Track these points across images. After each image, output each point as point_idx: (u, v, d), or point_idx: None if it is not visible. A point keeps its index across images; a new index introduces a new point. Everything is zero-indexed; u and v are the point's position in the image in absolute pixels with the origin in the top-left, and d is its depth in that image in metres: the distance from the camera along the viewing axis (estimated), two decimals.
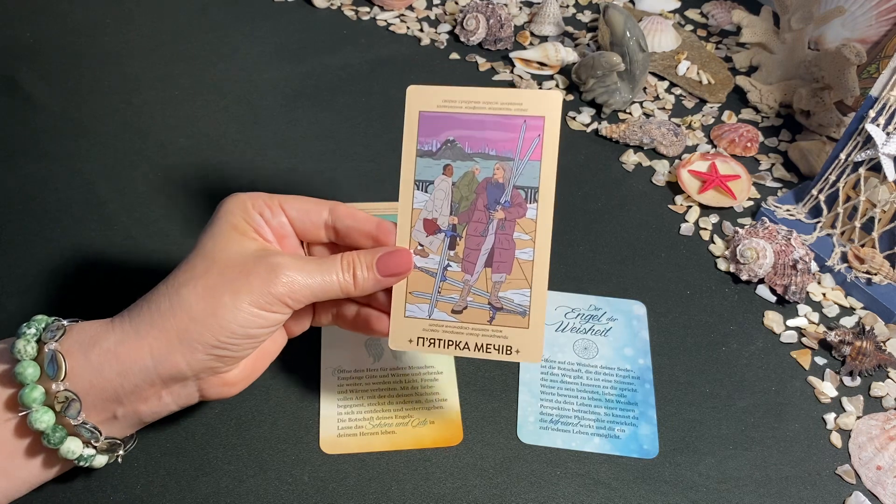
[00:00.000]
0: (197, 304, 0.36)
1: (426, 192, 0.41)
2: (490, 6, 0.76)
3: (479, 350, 0.41)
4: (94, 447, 0.38)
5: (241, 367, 0.39)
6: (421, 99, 0.40)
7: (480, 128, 0.40)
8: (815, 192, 0.61)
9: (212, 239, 0.38)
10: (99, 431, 0.37)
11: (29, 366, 0.36)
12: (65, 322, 0.38)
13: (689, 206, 0.63)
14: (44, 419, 0.35)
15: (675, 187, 0.65)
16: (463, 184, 0.40)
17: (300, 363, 0.50)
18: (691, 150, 0.69)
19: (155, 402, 0.38)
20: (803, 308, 0.57)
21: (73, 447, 0.37)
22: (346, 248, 0.41)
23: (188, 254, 0.38)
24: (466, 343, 0.41)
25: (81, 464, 0.38)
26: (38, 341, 0.37)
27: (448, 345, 0.41)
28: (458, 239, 0.41)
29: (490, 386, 0.50)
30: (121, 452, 0.39)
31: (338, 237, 0.41)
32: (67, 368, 0.36)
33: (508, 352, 0.41)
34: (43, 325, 0.37)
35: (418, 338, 0.41)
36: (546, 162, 0.40)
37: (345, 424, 0.47)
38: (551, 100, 0.40)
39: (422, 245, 0.41)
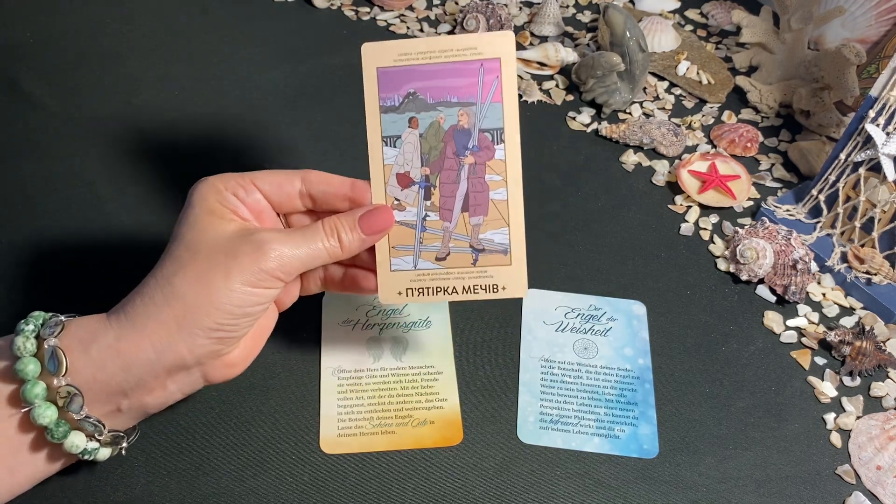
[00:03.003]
0: (190, 291, 0.36)
1: (395, 147, 0.41)
2: (490, 6, 0.76)
3: (466, 292, 0.42)
4: (98, 440, 0.38)
5: (240, 346, 0.39)
6: (377, 55, 0.41)
7: (439, 77, 0.41)
8: (814, 192, 0.61)
9: (191, 228, 0.38)
10: (103, 425, 0.37)
11: (30, 362, 0.36)
12: (62, 318, 0.38)
13: (689, 206, 0.63)
14: (46, 414, 0.36)
15: (675, 187, 0.65)
16: (430, 134, 0.41)
17: (300, 363, 0.50)
18: (691, 150, 0.69)
19: (160, 392, 0.38)
20: (803, 308, 0.57)
21: (76, 441, 0.37)
22: (324, 214, 0.41)
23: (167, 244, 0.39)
24: (454, 287, 0.42)
25: (85, 457, 0.38)
26: (37, 337, 0.37)
27: (436, 292, 0.42)
28: (432, 188, 0.41)
29: (490, 386, 0.50)
30: (124, 445, 0.39)
31: (314, 204, 0.41)
32: (68, 364, 0.36)
33: (495, 290, 0.42)
34: (41, 322, 0.37)
35: (407, 289, 0.42)
36: (507, 102, 0.41)
37: (345, 424, 0.47)
38: (504, 40, 0.40)
39: (398, 199, 0.41)
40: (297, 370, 0.50)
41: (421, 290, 0.42)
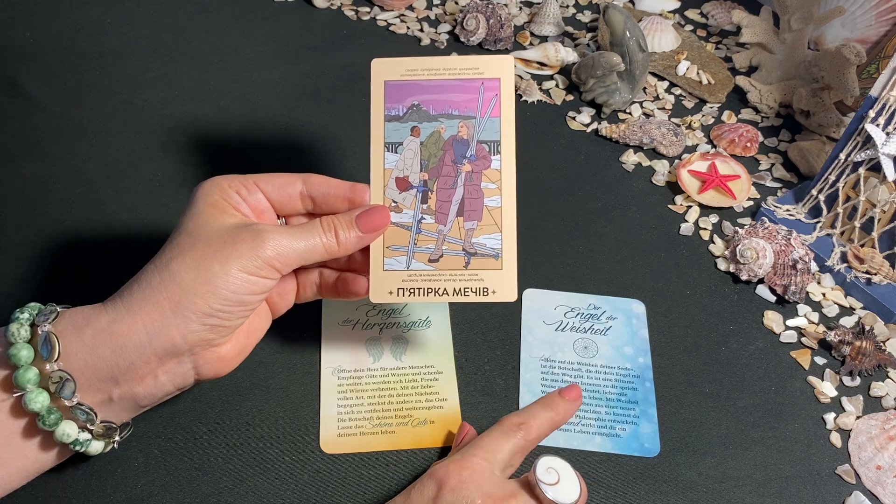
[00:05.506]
0: (187, 275, 0.37)
1: (396, 152, 0.43)
2: (490, 6, 0.76)
3: (457, 294, 0.43)
4: (90, 431, 0.38)
5: (233, 342, 0.40)
6: (385, 70, 0.44)
7: (442, 91, 0.43)
8: (814, 192, 0.61)
9: (193, 218, 0.39)
10: (94, 413, 0.37)
11: (23, 348, 0.36)
12: (58, 307, 0.38)
13: (689, 206, 0.63)
14: (38, 400, 0.36)
15: (675, 187, 0.65)
16: (430, 142, 0.43)
17: (300, 363, 0.50)
18: (691, 150, 0.69)
19: (151, 381, 0.38)
20: (803, 308, 0.57)
21: (68, 430, 0.37)
22: (325, 216, 0.42)
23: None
24: (445, 289, 0.43)
25: (77, 448, 0.38)
26: (32, 325, 0.37)
27: (427, 292, 0.43)
28: (429, 193, 0.43)
29: (490, 386, 0.50)
30: (117, 438, 0.39)
31: (315, 206, 0.43)
32: (61, 349, 0.36)
33: (485, 293, 0.43)
34: (36, 311, 0.38)
35: (398, 289, 0.43)
36: (505, 118, 0.43)
37: (345, 424, 0.47)
38: (504, 63, 0.44)
39: (395, 202, 0.43)
40: (297, 370, 0.50)
41: (412, 291, 0.43)
